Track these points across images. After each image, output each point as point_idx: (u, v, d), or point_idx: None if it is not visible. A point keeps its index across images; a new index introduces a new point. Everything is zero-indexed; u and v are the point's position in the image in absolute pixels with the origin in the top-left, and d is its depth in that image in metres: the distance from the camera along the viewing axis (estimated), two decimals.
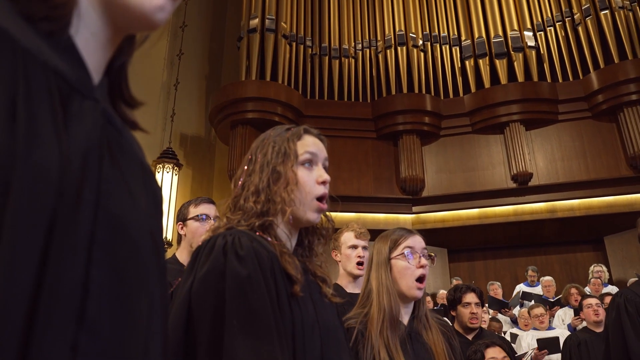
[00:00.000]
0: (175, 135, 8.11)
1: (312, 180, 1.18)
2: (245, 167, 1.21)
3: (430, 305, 6.18)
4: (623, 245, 7.70)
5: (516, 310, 6.10)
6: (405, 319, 1.63)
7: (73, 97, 0.46)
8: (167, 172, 7.34)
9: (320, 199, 1.18)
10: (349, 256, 2.62)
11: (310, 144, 1.21)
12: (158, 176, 7.27)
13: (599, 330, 3.69)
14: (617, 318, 2.16)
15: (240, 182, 1.20)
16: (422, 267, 1.63)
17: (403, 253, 1.64)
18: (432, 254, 1.73)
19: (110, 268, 0.45)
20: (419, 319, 1.63)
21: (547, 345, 4.27)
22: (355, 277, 2.63)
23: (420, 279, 1.62)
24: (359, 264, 2.60)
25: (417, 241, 1.69)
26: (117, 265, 0.46)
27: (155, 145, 7.59)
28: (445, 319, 1.99)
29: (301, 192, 1.15)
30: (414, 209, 8.42)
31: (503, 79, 8.53)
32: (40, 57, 0.43)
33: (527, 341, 4.63)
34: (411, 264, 1.62)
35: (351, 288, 2.64)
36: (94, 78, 0.52)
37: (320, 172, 1.20)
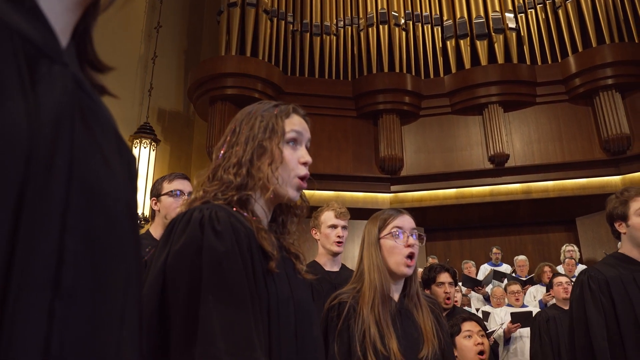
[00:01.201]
0: (153, 110, 7.98)
1: (296, 159, 1.17)
2: (228, 138, 1.19)
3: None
4: (594, 226, 7.91)
5: (488, 289, 6.24)
6: (395, 296, 1.67)
7: (41, 61, 0.44)
8: (145, 148, 7.24)
9: (301, 178, 1.18)
10: (328, 235, 2.64)
11: (297, 123, 1.21)
12: (135, 151, 7.17)
13: (567, 307, 3.80)
14: (580, 294, 2.23)
15: (221, 152, 1.18)
16: (410, 246, 1.67)
17: (391, 232, 1.68)
18: (422, 234, 1.77)
19: (85, 236, 0.44)
20: (410, 297, 1.68)
21: (520, 319, 4.41)
22: (334, 255, 2.65)
23: (409, 257, 1.66)
24: (338, 243, 2.62)
25: (406, 221, 1.72)
26: (93, 234, 0.46)
27: (132, 120, 7.46)
28: (434, 297, 2.06)
29: (284, 170, 1.15)
30: (393, 188, 8.49)
31: (483, 60, 8.57)
32: (2, 19, 0.41)
33: (500, 316, 4.76)
34: (399, 243, 1.66)
35: (329, 266, 2.66)
36: (62, 42, 0.49)
37: (303, 153, 1.20)
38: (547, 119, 8.31)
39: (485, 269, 7.29)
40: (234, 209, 1.09)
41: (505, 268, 7.20)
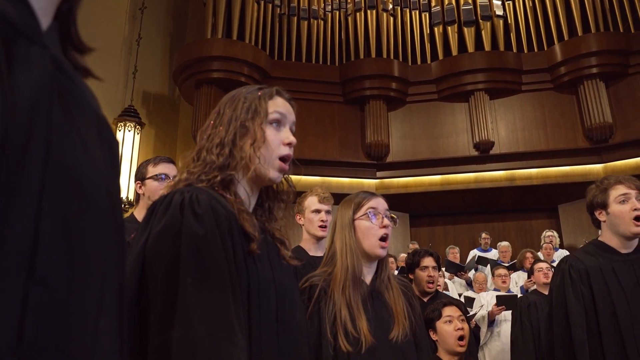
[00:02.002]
0: (137, 93, 7.87)
1: (279, 140, 1.17)
2: (212, 121, 1.20)
3: (394, 267, 6.33)
4: (575, 214, 8.04)
5: (471, 274, 6.32)
6: (368, 278, 1.67)
7: (19, 42, 0.43)
8: (129, 131, 7.15)
9: (283, 159, 1.17)
10: (311, 220, 2.64)
11: (280, 105, 1.21)
12: (119, 135, 7.08)
13: (547, 292, 3.87)
14: (561, 283, 2.25)
15: (206, 135, 1.18)
16: (384, 227, 1.67)
17: (366, 214, 1.68)
18: (394, 216, 1.77)
19: (62, 221, 0.44)
20: (382, 279, 1.68)
21: (505, 302, 4.49)
22: (318, 239, 2.66)
23: (383, 239, 1.67)
24: (322, 227, 2.62)
25: (380, 203, 1.73)
26: (70, 219, 0.45)
27: (116, 103, 7.35)
28: (403, 279, 2.06)
29: (267, 150, 1.14)
30: (378, 174, 8.51)
31: (470, 47, 8.58)
32: None
33: (487, 300, 4.83)
34: (374, 224, 1.66)
35: (314, 251, 2.67)
36: (42, 22, 0.48)
37: (287, 134, 1.20)
38: (532, 106, 8.37)
39: (473, 254, 7.38)
40: (217, 190, 1.08)
41: (493, 254, 7.30)
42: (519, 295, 4.95)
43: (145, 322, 0.88)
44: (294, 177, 1.32)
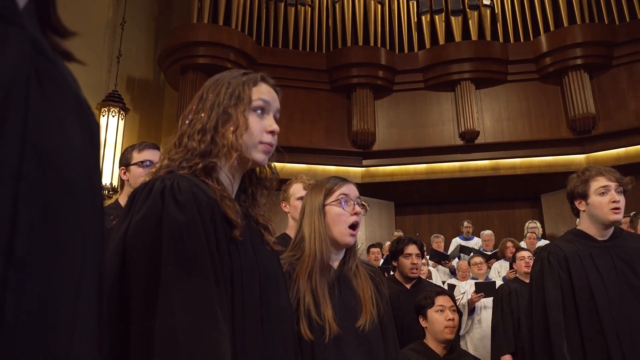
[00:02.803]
0: (122, 78, 7.76)
1: (262, 127, 1.15)
2: (195, 105, 1.18)
3: (379, 257, 6.37)
4: (558, 203, 8.15)
5: (455, 262, 6.39)
6: (335, 264, 1.65)
7: None
8: (113, 116, 7.06)
9: (266, 145, 1.16)
10: (297, 207, 2.64)
11: (265, 92, 1.18)
12: (102, 120, 6.99)
13: (528, 281, 3.94)
14: (540, 269, 2.31)
15: (188, 120, 1.17)
16: (355, 214, 1.64)
17: (338, 200, 1.64)
18: (365, 203, 1.73)
19: (40, 206, 0.43)
20: (349, 265, 1.65)
21: (483, 288, 4.55)
22: None
23: (353, 226, 1.64)
24: None
25: (352, 189, 1.69)
26: (49, 203, 0.44)
27: (100, 87, 7.25)
28: (375, 265, 2.03)
29: (249, 137, 1.13)
30: (364, 162, 8.53)
31: (457, 36, 8.59)
32: None
33: (465, 289, 4.90)
34: (345, 211, 1.63)
35: None
36: (19, 2, 0.47)
37: (270, 122, 1.18)
38: (517, 97, 8.43)
39: (456, 242, 7.45)
40: (199, 177, 1.07)
41: (475, 242, 7.38)
42: (501, 282, 5.03)
43: (126, 311, 0.87)
44: (278, 165, 1.31)
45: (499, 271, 6.02)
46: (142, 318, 0.85)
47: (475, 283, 4.64)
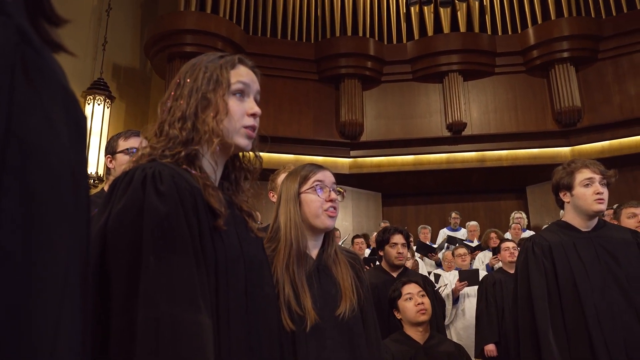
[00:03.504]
0: (108, 66, 7.66)
1: (243, 110, 1.13)
2: (173, 92, 1.14)
3: (364, 246, 6.40)
4: (542, 195, 8.25)
5: (440, 254, 6.44)
6: (314, 253, 1.63)
7: None
8: (98, 105, 6.98)
9: (248, 129, 1.14)
10: None
11: (244, 74, 1.16)
12: (88, 108, 6.90)
13: (513, 271, 4.00)
14: (525, 259, 2.35)
15: (166, 107, 1.14)
16: (331, 200, 1.61)
17: (313, 187, 1.61)
18: (342, 190, 1.71)
19: (23, 197, 0.42)
20: (329, 253, 1.63)
21: (467, 277, 4.60)
22: None
23: (329, 212, 1.61)
24: None
25: (327, 176, 1.66)
26: (32, 195, 0.43)
27: (85, 75, 7.15)
28: (355, 252, 2.03)
29: (230, 122, 1.11)
30: (352, 153, 8.54)
31: (446, 28, 8.60)
32: None
33: (449, 279, 4.95)
34: (321, 197, 1.60)
35: None
36: None
37: (251, 104, 1.15)
38: (504, 89, 8.49)
39: (443, 233, 7.51)
40: (182, 166, 1.05)
41: (462, 233, 7.44)
42: (485, 272, 5.09)
43: (107, 302, 0.87)
44: (265, 155, 1.29)
45: (482, 261, 6.09)
46: (123, 310, 0.84)
47: (459, 271, 4.69)
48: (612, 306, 2.12)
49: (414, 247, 6.15)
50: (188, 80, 1.13)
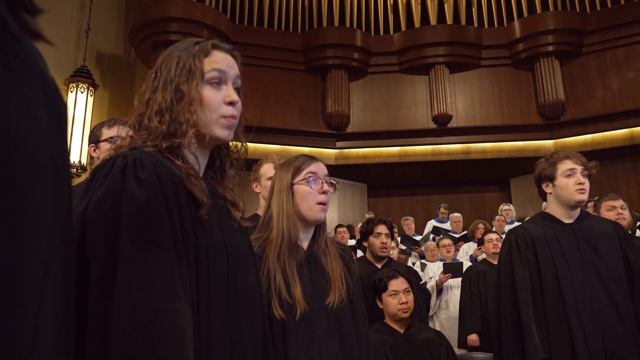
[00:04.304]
0: (91, 53, 7.54)
1: (219, 100, 1.10)
2: (150, 84, 1.12)
3: (347, 236, 6.43)
4: (526, 187, 8.34)
5: (424, 246, 6.49)
6: (305, 244, 1.65)
7: None
8: (82, 93, 6.87)
9: (228, 118, 1.11)
10: (268, 187, 2.64)
11: (219, 61, 1.12)
12: (70, 96, 6.80)
13: (496, 262, 4.05)
14: (508, 251, 2.38)
15: (144, 100, 1.11)
16: (324, 192, 1.63)
17: (306, 178, 1.63)
18: (334, 182, 1.73)
19: (3, 186, 0.42)
20: (319, 244, 1.65)
21: (451, 269, 4.66)
22: None
23: (322, 204, 1.63)
24: None
25: (320, 167, 1.67)
26: (11, 185, 0.43)
27: (68, 63, 7.03)
28: (347, 245, 2.06)
29: (206, 112, 1.08)
30: (338, 144, 8.55)
31: (433, 19, 8.61)
32: None
33: (433, 270, 5.00)
34: (314, 189, 1.62)
35: None
36: None
37: (229, 92, 1.11)
38: (489, 82, 8.54)
39: (431, 225, 7.56)
40: (165, 155, 1.04)
41: (449, 226, 7.50)
42: (469, 263, 5.15)
43: (84, 290, 0.86)
44: (251, 146, 1.28)
45: (467, 251, 6.16)
46: (100, 297, 0.83)
47: (444, 264, 4.74)
48: (592, 299, 2.17)
49: (399, 239, 6.19)
50: (164, 71, 1.10)
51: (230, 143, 1.20)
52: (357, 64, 8.59)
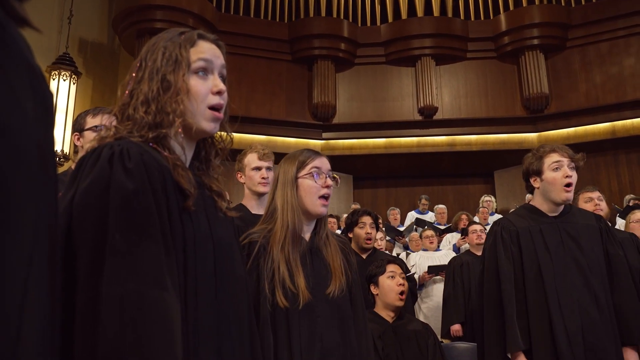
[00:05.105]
0: (74, 40, 7.40)
1: (206, 89, 1.10)
2: (134, 74, 1.11)
3: (335, 227, 6.45)
4: (510, 180, 8.44)
5: (408, 237, 6.54)
6: (307, 235, 1.71)
7: None
8: (64, 80, 6.75)
9: (215, 108, 1.11)
10: (252, 177, 2.63)
11: (205, 51, 1.12)
12: (53, 84, 6.68)
13: (480, 253, 4.10)
14: (493, 243, 2.41)
15: (127, 90, 1.10)
16: (327, 186, 1.70)
17: (310, 172, 1.69)
18: (336, 176, 1.79)
19: None
20: (320, 236, 1.72)
21: (435, 270, 4.70)
22: (259, 196, 2.65)
23: (324, 197, 1.70)
24: (264, 183, 2.62)
25: (324, 162, 1.74)
26: None
27: (50, 49, 6.90)
28: (341, 236, 2.13)
29: (193, 102, 1.08)
30: (324, 135, 8.55)
31: (420, 11, 8.61)
32: None
33: (415, 260, 5.05)
34: (317, 183, 1.69)
35: (256, 209, 2.67)
36: None
37: (215, 82, 1.11)
38: (475, 74, 8.59)
39: (412, 216, 7.61)
40: (152, 145, 1.04)
41: (430, 216, 7.56)
42: (452, 252, 5.22)
43: (72, 280, 0.85)
44: (237, 136, 1.27)
45: (450, 241, 6.22)
46: (88, 286, 0.83)
47: (429, 266, 4.77)
48: (573, 291, 2.21)
49: (383, 229, 6.23)
50: (149, 61, 1.10)
51: (216, 133, 1.19)
52: (344, 54, 8.58)
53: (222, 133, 1.20)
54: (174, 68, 1.08)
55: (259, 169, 2.61)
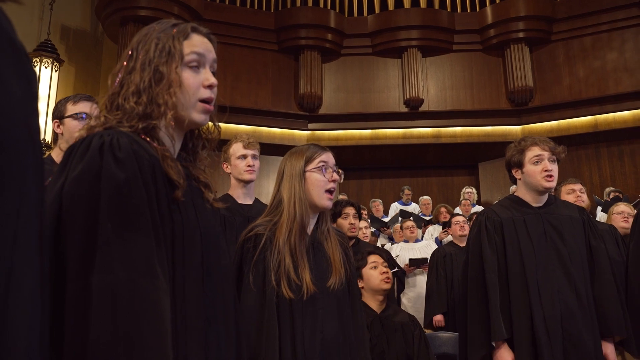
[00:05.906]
0: (55, 27, 7.27)
1: (198, 82, 1.10)
2: (125, 63, 1.11)
3: None
4: (493, 172, 8.52)
5: (392, 228, 6.59)
6: (309, 229, 1.77)
7: None
8: (46, 68, 6.63)
9: (205, 102, 1.12)
10: (238, 166, 2.63)
11: (198, 44, 1.12)
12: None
13: (463, 245, 4.15)
14: (477, 233, 2.44)
15: (118, 80, 1.10)
16: (333, 180, 1.76)
17: (319, 167, 1.75)
18: (340, 171, 1.85)
19: None
20: (322, 230, 1.79)
21: (417, 263, 4.75)
22: (246, 184, 2.65)
23: (330, 191, 1.76)
24: (250, 171, 2.62)
25: (330, 157, 1.80)
26: None
27: (31, 36, 6.77)
28: (340, 231, 2.17)
29: (185, 95, 1.08)
30: (310, 125, 8.53)
31: (407, 3, 8.61)
32: None
33: (396, 252, 5.09)
34: (325, 177, 1.75)
35: (243, 199, 2.67)
36: None
37: (207, 75, 1.12)
38: (461, 67, 8.62)
39: (395, 208, 7.65)
40: (141, 136, 1.04)
41: (413, 207, 7.61)
42: (434, 244, 5.27)
43: (62, 269, 0.85)
44: (222, 126, 1.28)
45: (432, 234, 6.28)
46: (79, 275, 0.83)
47: (410, 259, 4.82)
48: (553, 282, 2.25)
49: (368, 220, 6.26)
50: (141, 52, 1.10)
51: (202, 128, 1.21)
52: (330, 45, 8.55)
53: (210, 124, 1.20)
54: (167, 60, 1.08)
55: (244, 157, 2.61)
